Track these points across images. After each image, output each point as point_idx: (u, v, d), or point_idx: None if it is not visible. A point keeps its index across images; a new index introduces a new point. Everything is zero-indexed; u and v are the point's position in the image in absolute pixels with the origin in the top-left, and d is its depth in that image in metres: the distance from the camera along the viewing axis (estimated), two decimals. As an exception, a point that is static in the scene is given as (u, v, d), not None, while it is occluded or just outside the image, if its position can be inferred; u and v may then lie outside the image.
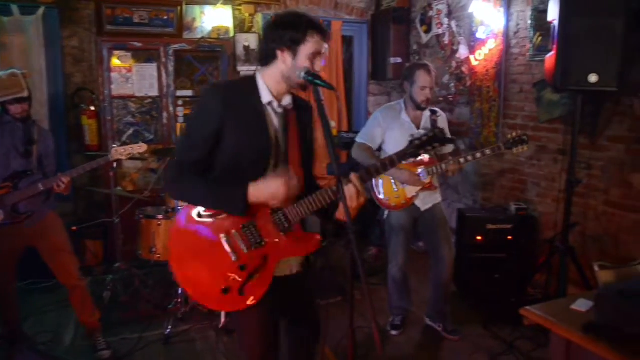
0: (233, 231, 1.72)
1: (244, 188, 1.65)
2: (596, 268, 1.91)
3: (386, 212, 3.28)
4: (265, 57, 1.76)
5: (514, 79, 4.13)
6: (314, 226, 2.55)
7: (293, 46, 1.70)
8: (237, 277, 1.68)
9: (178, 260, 1.70)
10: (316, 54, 1.70)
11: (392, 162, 1.82)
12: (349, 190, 1.69)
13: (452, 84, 4.79)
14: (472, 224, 3.86)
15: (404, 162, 3.63)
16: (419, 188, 3.16)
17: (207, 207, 1.71)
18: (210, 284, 1.66)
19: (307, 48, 1.68)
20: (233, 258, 1.70)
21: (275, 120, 1.78)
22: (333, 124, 4.95)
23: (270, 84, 1.76)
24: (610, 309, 1.64)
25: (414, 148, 1.81)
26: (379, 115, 3.20)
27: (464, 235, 3.89)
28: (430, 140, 1.80)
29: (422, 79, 3.09)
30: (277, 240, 1.74)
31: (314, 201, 1.73)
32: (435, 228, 3.24)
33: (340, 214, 1.73)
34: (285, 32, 1.70)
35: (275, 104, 1.77)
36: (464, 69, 4.61)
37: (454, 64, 4.69)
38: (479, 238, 3.85)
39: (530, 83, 3.96)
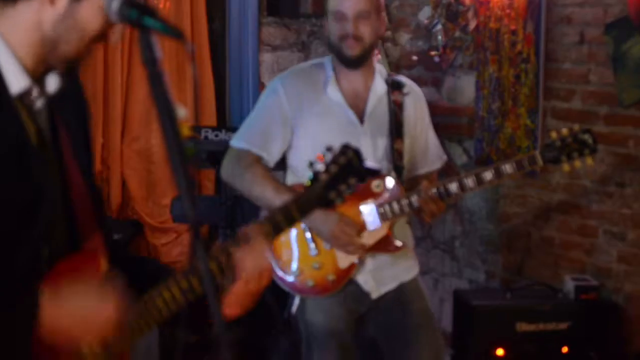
0: None
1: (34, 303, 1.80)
2: None
3: (296, 301, 3.48)
4: None
5: (567, 16, 4.33)
6: None
7: None
8: None
9: None
10: None
11: (288, 217, 2.06)
12: (254, 258, 1.93)
13: (439, 27, 4.97)
14: (486, 322, 4.09)
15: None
16: (362, 250, 3.35)
17: None
18: None
19: None
20: None
21: (31, 128, 1.90)
22: (183, 112, 4.81)
23: (21, 50, 1.86)
24: None
25: (321, 189, 2.07)
26: (279, 88, 3.44)
27: (471, 347, 4.07)
28: (345, 172, 2.06)
29: None
30: None
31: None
32: (407, 333, 3.46)
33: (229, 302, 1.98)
34: None
35: (35, 92, 1.88)
36: (462, -6, 4.86)
37: (440, -14, 4.95)
38: (500, 352, 4.00)
39: (601, 25, 4.16)
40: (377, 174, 2.06)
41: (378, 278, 3.40)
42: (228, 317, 1.93)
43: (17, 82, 1.85)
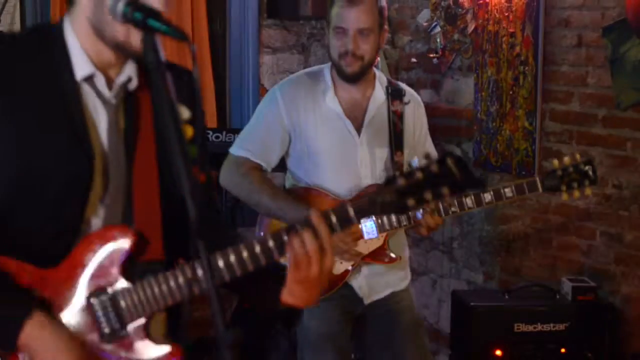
0: None
1: (23, 315, 1.85)
2: None
3: None
4: None
5: (565, 20, 4.32)
6: None
7: None
8: None
9: None
10: None
11: (347, 219, 1.96)
12: (299, 244, 1.92)
13: (438, 29, 4.97)
14: (485, 322, 4.05)
15: (330, 196, 3.46)
16: (357, 258, 3.34)
17: None
18: None
19: None
20: None
21: (101, 116, 1.96)
22: (186, 114, 4.73)
23: (85, 41, 1.94)
24: None
25: (397, 196, 1.90)
26: (278, 96, 3.41)
27: (469, 347, 4.05)
28: (433, 182, 1.89)
29: (337, 10, 3.29)
30: (87, 344, 1.94)
31: (172, 284, 1.92)
32: (395, 344, 3.47)
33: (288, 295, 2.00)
34: None
35: (100, 80, 1.94)
36: (461, -3, 4.84)
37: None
38: (498, 353, 3.98)
39: (598, 28, 4.13)
40: (481, 186, 1.92)
41: (372, 284, 3.40)
42: (288, 305, 1.97)
43: (82, 69, 1.92)
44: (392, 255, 3.36)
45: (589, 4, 4.16)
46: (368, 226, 3.29)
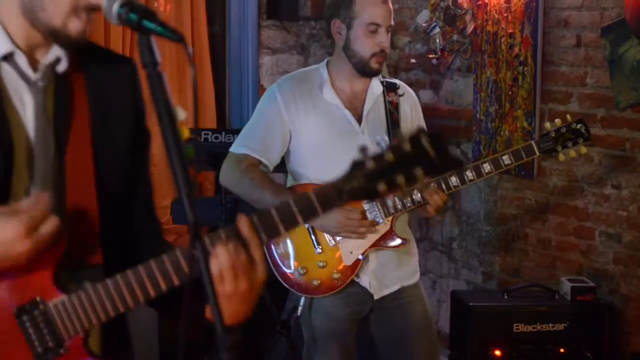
0: None
1: None
2: None
3: (302, 302, 3.46)
4: None
5: (564, 20, 4.33)
6: None
7: None
8: None
9: None
10: None
11: (311, 210, 1.82)
12: (225, 255, 1.77)
13: (437, 30, 5.00)
14: (484, 322, 4.07)
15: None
16: (368, 244, 3.33)
17: None
18: None
19: None
20: None
21: (26, 99, 1.91)
22: (183, 114, 5.13)
23: (8, 21, 1.89)
24: None
25: (365, 180, 1.74)
26: (276, 93, 3.43)
27: (468, 347, 4.06)
28: (405, 163, 1.73)
29: (370, 6, 3.30)
30: None
31: (133, 284, 1.80)
32: (406, 338, 3.48)
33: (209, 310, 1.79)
34: None
35: (21, 59, 1.89)
36: (460, -3, 4.82)
37: (438, -11, 4.91)
38: (497, 353, 4.00)
39: (597, 28, 4.15)
40: (459, 166, 1.78)
41: (380, 278, 3.40)
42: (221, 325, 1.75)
43: (1, 46, 1.86)
44: (401, 238, 3.38)
45: (588, 5, 4.16)
46: (373, 213, 3.33)
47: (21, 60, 1.88)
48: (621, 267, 4.09)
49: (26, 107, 1.90)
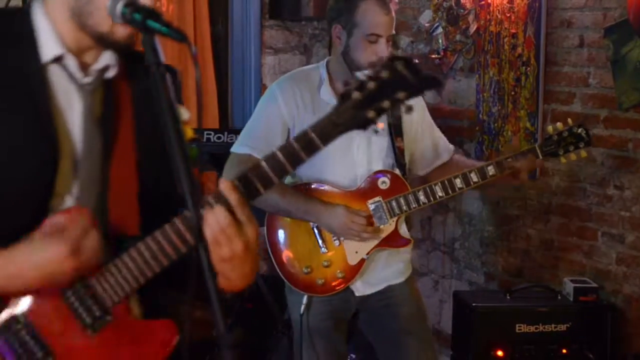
0: None
1: None
2: None
3: (305, 300, 3.46)
4: None
5: (567, 20, 4.33)
6: None
7: None
8: None
9: None
10: None
11: (311, 144, 1.88)
12: (215, 220, 1.82)
13: (440, 30, 4.99)
14: (486, 323, 4.07)
15: (335, 190, 3.35)
16: (373, 244, 3.34)
17: None
18: None
19: None
20: None
21: (75, 100, 1.94)
22: (186, 114, 4.75)
23: (60, 26, 1.92)
24: None
25: (355, 110, 1.84)
26: (277, 93, 3.45)
27: (470, 348, 4.06)
28: (387, 88, 1.82)
29: (371, 16, 3.28)
30: (74, 345, 1.90)
31: (148, 254, 1.86)
32: (396, 338, 3.49)
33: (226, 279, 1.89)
34: None
35: (71, 62, 1.92)
36: (463, -3, 4.84)
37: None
38: (499, 354, 4.00)
39: (600, 28, 4.15)
40: (437, 84, 1.91)
41: (366, 279, 3.42)
42: (228, 291, 1.88)
43: (50, 50, 1.90)
44: (406, 237, 3.40)
45: (591, 5, 4.16)
46: (378, 213, 3.33)
47: (71, 62, 1.91)
48: (624, 267, 4.08)
49: (74, 109, 1.93)
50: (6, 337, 1.89)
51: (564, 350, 3.98)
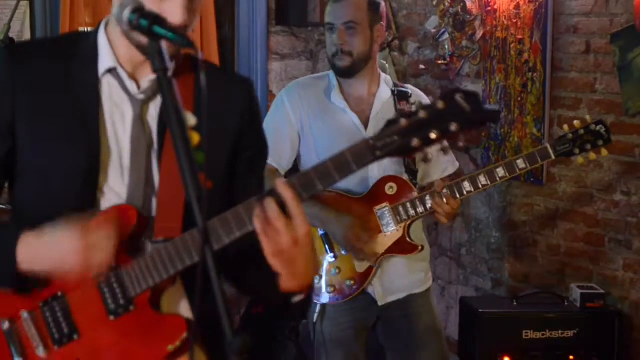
0: (24, 314, 2.00)
1: (13, 238, 1.93)
2: None
3: (317, 309, 3.46)
4: None
5: (573, 26, 4.34)
6: None
7: None
8: None
9: None
10: None
11: (345, 167, 1.87)
12: (262, 212, 1.84)
13: (446, 36, 5.00)
14: (493, 329, 4.07)
15: (344, 195, 3.37)
16: (380, 251, 3.34)
17: None
18: None
19: None
20: None
21: (126, 109, 2.03)
22: (193, 120, 4.74)
23: (116, 41, 2.03)
24: None
25: (399, 137, 1.75)
26: (285, 99, 3.47)
27: (477, 354, 4.07)
28: (439, 119, 1.74)
29: (327, 7, 3.39)
30: (97, 327, 2.01)
31: (173, 252, 1.93)
32: (411, 348, 3.49)
33: (287, 277, 1.91)
34: None
35: (123, 74, 2.02)
36: (470, 3, 4.83)
37: (448, -5, 4.89)
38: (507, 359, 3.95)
39: (607, 34, 4.16)
40: (495, 118, 1.80)
41: (387, 286, 3.41)
42: (288, 291, 1.88)
43: (105, 63, 2.00)
44: (414, 244, 3.37)
45: (597, 11, 4.16)
46: (385, 219, 3.32)
47: (123, 75, 2.00)
48: (631, 273, 4.08)
49: (125, 118, 2.01)
50: (43, 311, 1.99)
51: (571, 357, 3.98)
